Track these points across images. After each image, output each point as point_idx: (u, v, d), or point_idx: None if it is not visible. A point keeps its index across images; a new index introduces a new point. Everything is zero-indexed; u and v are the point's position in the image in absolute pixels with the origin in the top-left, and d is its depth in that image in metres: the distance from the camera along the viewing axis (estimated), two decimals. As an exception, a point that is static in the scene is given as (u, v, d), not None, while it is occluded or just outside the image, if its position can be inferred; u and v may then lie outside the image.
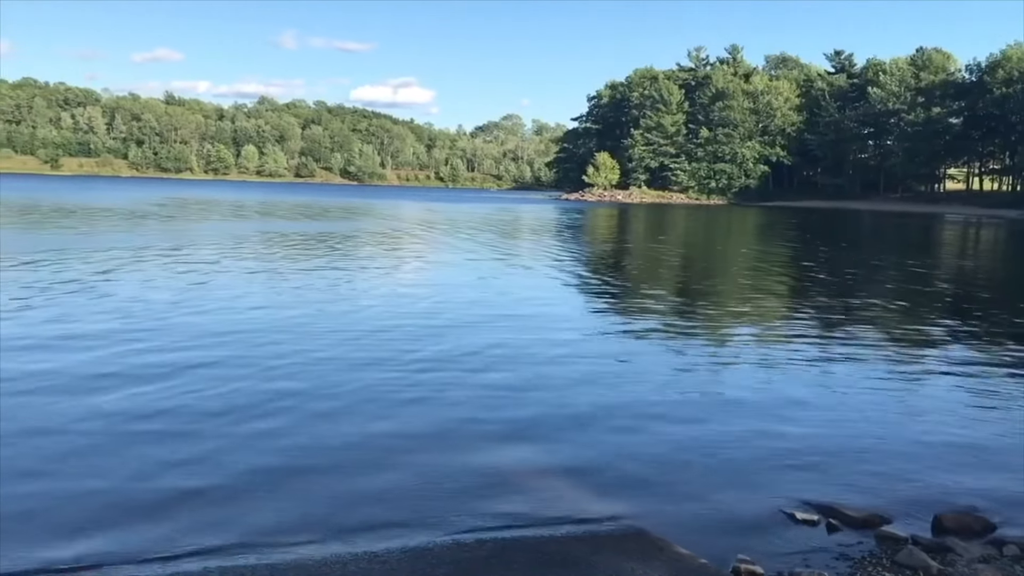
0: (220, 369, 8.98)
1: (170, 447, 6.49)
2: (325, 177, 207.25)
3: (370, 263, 21.35)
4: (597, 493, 5.86)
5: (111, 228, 31.87)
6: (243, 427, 7.06)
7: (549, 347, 10.88)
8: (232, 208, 53.87)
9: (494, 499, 5.70)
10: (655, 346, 11.33)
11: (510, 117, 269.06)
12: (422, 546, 4.99)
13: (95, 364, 9.02)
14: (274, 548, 4.88)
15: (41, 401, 7.60)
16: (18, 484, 5.66)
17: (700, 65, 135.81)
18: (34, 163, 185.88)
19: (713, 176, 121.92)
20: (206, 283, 16.18)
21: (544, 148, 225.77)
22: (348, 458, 6.42)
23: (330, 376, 8.86)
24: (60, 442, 6.53)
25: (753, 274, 22.40)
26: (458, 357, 10.04)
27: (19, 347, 9.72)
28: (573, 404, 8.13)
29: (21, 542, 4.84)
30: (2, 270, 16.93)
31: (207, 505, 5.47)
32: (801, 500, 5.79)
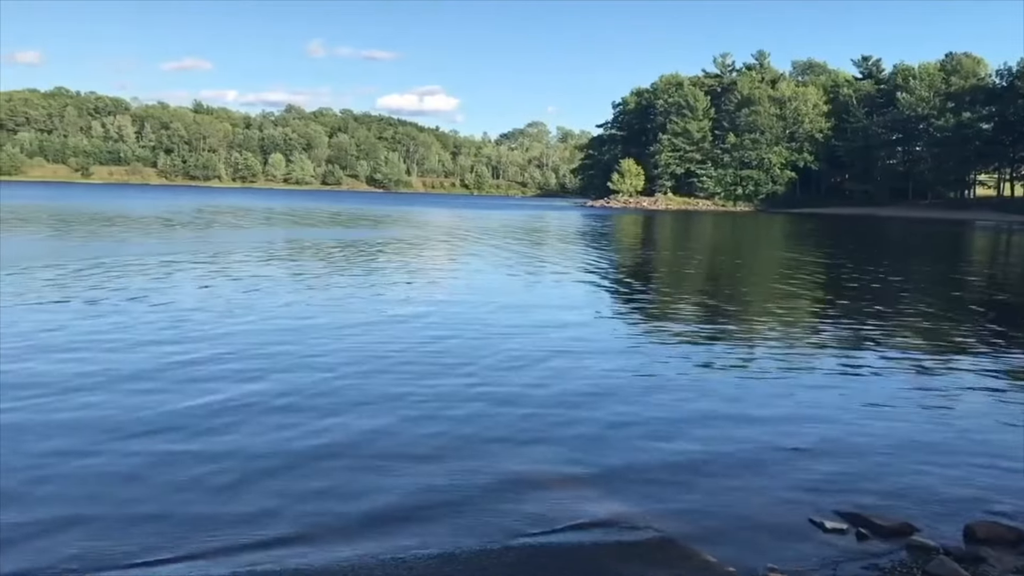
0: (271, 376, 9.08)
1: (209, 450, 6.57)
2: (351, 185, 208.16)
3: (407, 273, 21.33)
4: (625, 501, 5.85)
5: (154, 236, 32.26)
6: (278, 430, 7.15)
7: (577, 355, 10.88)
8: (265, 216, 54.24)
9: (521, 505, 5.71)
10: (682, 355, 11.26)
11: (535, 124, 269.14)
12: (448, 552, 5.00)
13: (148, 372, 9.14)
14: (302, 551, 4.92)
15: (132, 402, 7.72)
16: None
17: (726, 71, 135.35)
18: (65, 171, 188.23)
19: (740, 182, 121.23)
20: (257, 290, 16.41)
21: (569, 155, 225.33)
22: (375, 463, 6.46)
23: (354, 381, 8.94)
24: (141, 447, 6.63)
25: (780, 282, 22.24)
26: (491, 364, 10.10)
27: (90, 351, 9.89)
28: (599, 411, 8.11)
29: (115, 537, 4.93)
30: (64, 278, 17.25)
31: (236, 508, 5.52)
32: (830, 509, 5.75)
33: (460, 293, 17.54)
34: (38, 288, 15.60)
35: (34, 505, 5.49)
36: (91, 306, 13.60)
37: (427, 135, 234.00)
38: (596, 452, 6.90)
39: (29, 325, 11.72)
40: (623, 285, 20.91)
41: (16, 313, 12.67)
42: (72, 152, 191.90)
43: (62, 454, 6.45)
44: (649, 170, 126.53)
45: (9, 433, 6.86)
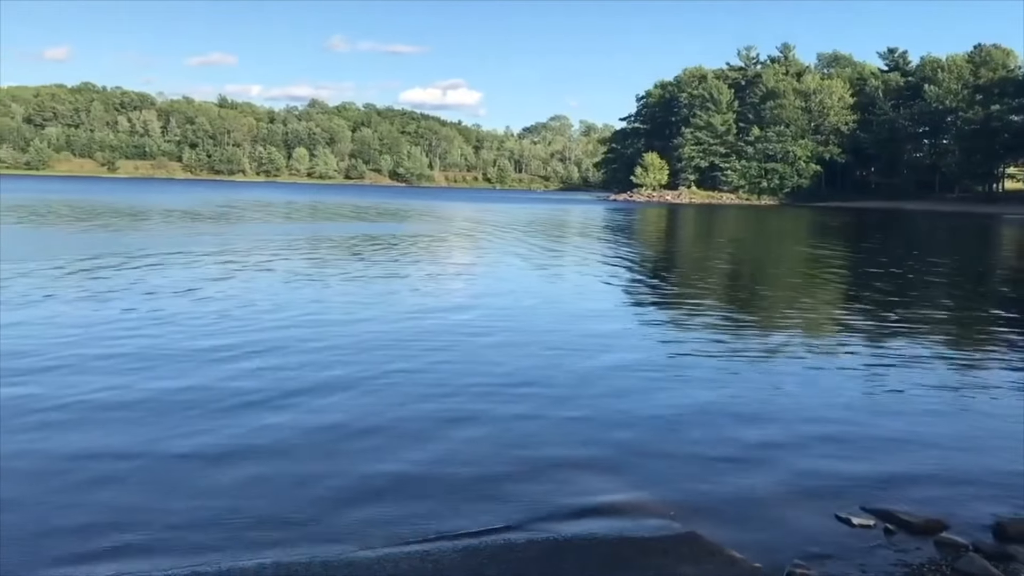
0: (304, 367, 9.14)
1: (254, 446, 6.62)
2: (374, 179, 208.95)
3: (438, 267, 21.39)
4: (649, 494, 5.83)
5: (189, 230, 32.59)
6: (305, 416, 7.18)
7: (602, 350, 10.85)
8: (293, 210, 54.59)
9: (545, 498, 5.70)
10: (706, 348, 11.20)
11: (558, 118, 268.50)
12: (472, 545, 4.98)
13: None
14: (327, 546, 4.92)
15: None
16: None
17: (750, 64, 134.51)
18: (91, 166, 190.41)
19: (764, 176, 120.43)
20: (294, 284, 16.56)
21: (592, 149, 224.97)
22: (399, 454, 6.47)
23: (383, 371, 8.96)
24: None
25: (806, 276, 22.11)
26: (518, 356, 10.13)
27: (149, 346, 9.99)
28: (622, 403, 8.10)
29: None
30: (110, 272, 17.47)
31: (264, 503, 5.54)
32: (857, 505, 5.68)
33: (487, 287, 17.54)
34: (85, 282, 15.81)
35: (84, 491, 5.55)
36: (133, 301, 13.75)
37: (450, 129, 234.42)
38: (620, 445, 6.88)
39: (79, 317, 11.91)
40: (647, 279, 20.85)
41: (67, 305, 12.87)
42: (98, 147, 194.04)
43: (140, 443, 6.53)
44: (672, 164, 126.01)
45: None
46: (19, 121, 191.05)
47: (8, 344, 9.86)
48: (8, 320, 11.43)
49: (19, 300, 13.27)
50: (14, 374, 8.49)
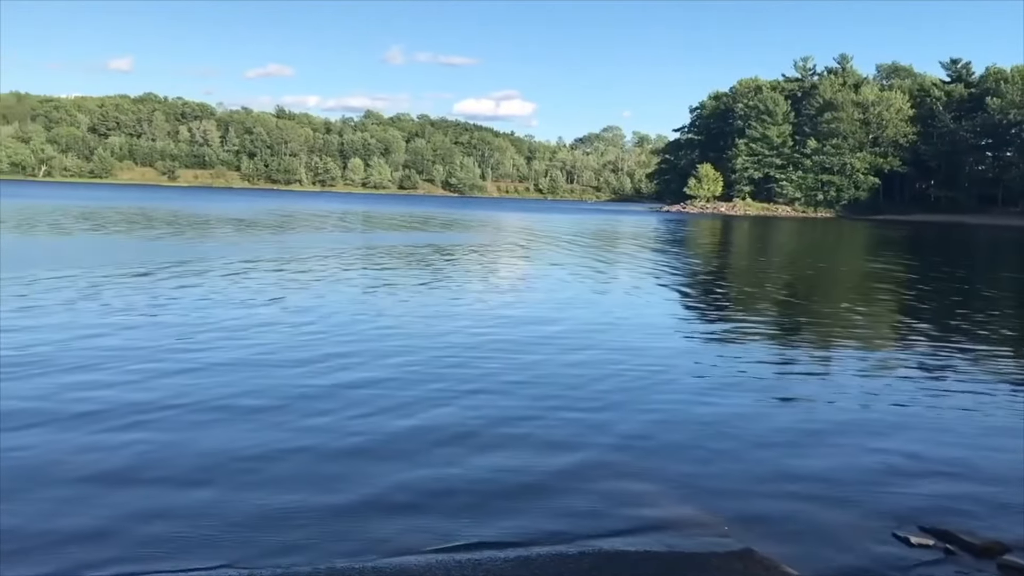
0: (365, 368, 9.28)
1: (311, 449, 6.75)
2: (427, 189, 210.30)
3: (496, 277, 21.53)
4: (702, 508, 5.79)
5: (258, 239, 33.22)
6: (362, 418, 7.28)
7: (656, 362, 10.81)
8: (352, 220, 55.05)
9: (598, 509, 5.70)
10: (761, 363, 11.10)
11: (610, 129, 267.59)
12: (523, 556, 4.98)
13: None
14: (380, 553, 4.98)
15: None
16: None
17: (807, 75, 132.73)
18: (152, 174, 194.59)
19: (821, 188, 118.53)
20: (371, 295, 16.71)
21: (645, 160, 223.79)
22: (453, 460, 6.52)
23: (432, 379, 9.05)
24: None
25: (864, 292, 21.72)
26: (569, 366, 10.13)
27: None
28: (675, 420, 8.05)
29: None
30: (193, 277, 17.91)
31: (324, 512, 5.60)
32: (915, 524, 5.58)
33: (538, 297, 17.52)
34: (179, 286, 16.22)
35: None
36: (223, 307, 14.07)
37: (502, 140, 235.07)
38: (673, 457, 6.86)
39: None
40: (702, 291, 20.69)
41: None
42: (160, 156, 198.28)
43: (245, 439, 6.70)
44: (727, 175, 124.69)
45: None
46: (84, 130, 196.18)
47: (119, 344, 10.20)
48: (120, 324, 11.84)
49: (122, 305, 13.72)
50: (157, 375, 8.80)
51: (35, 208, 52.38)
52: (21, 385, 8.36)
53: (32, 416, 7.32)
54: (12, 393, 8.04)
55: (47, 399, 7.89)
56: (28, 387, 8.29)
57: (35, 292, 14.95)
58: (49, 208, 52.88)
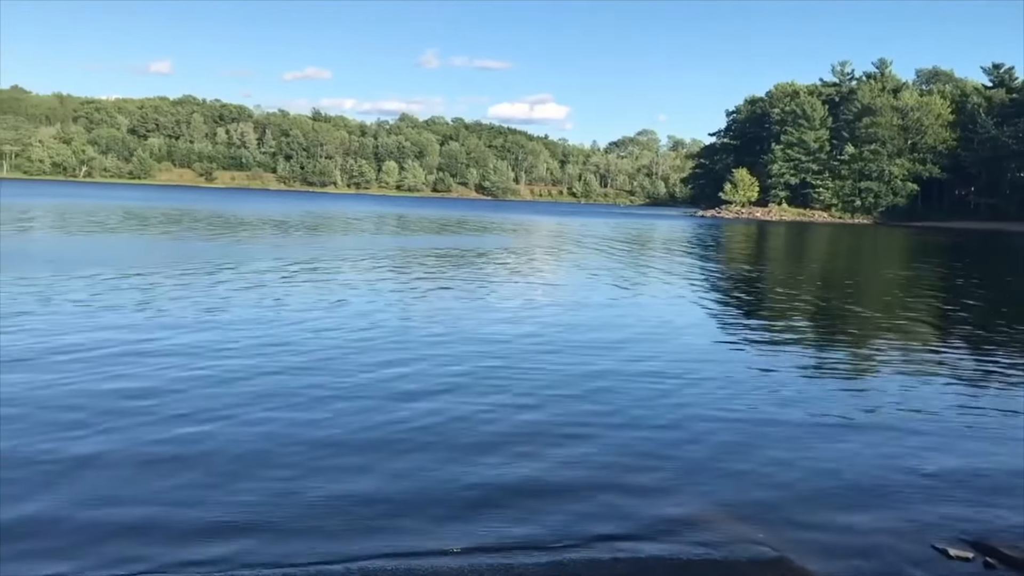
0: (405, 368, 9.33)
1: (335, 450, 6.79)
2: (461, 192, 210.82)
3: (530, 282, 21.52)
4: (735, 517, 5.76)
5: (303, 241, 33.54)
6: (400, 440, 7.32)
7: (693, 369, 10.79)
8: (390, 223, 55.43)
9: (631, 515, 5.69)
10: (798, 373, 10.99)
11: (645, 132, 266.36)
12: (555, 560, 4.99)
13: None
14: (412, 555, 5.01)
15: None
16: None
17: (845, 80, 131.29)
18: (190, 175, 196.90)
19: (858, 194, 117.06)
20: (418, 297, 16.92)
21: (679, 164, 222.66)
22: (488, 472, 6.53)
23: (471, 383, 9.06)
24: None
25: (902, 300, 21.43)
26: (605, 376, 10.12)
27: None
28: (708, 427, 8.01)
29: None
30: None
31: (360, 512, 5.66)
32: (955, 535, 5.49)
33: (574, 301, 17.47)
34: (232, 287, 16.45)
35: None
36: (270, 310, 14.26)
37: (536, 143, 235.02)
38: (707, 466, 6.83)
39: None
40: (737, 299, 20.51)
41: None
42: (197, 157, 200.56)
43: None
44: (763, 180, 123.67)
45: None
46: (124, 132, 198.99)
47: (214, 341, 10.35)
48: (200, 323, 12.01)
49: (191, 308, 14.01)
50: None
51: (86, 208, 53.47)
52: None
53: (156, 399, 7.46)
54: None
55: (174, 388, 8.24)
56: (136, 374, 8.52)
57: (123, 290, 15.56)
58: (100, 208, 54.04)
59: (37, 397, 7.95)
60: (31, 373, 8.83)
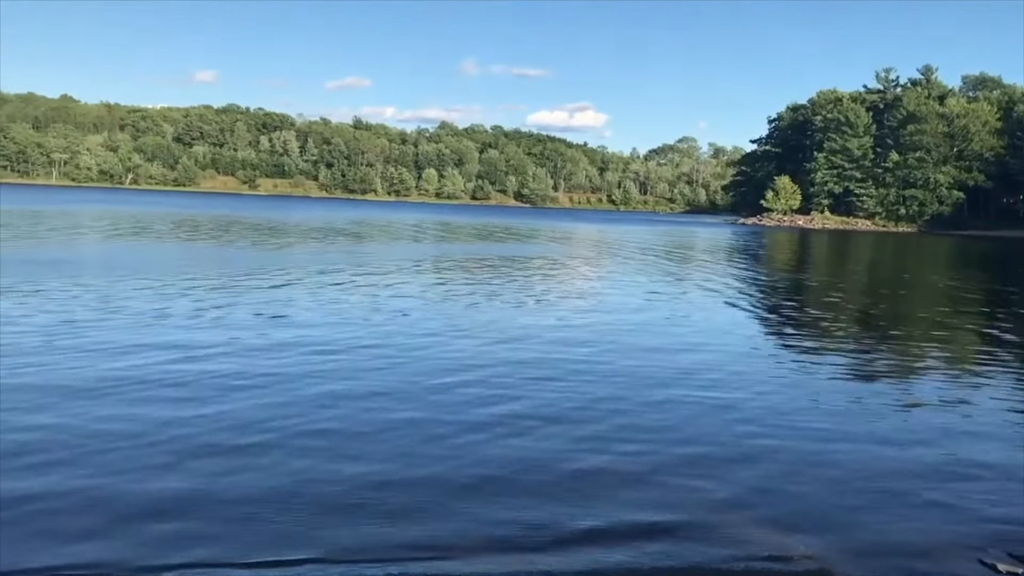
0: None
1: (350, 445, 6.86)
2: (500, 200, 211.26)
3: (572, 290, 21.56)
4: (779, 530, 5.70)
5: (351, 248, 33.89)
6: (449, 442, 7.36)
7: (736, 378, 10.71)
8: (433, 230, 55.66)
9: (671, 527, 5.64)
10: (841, 383, 10.84)
11: (686, 139, 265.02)
12: (594, 568, 4.96)
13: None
14: (455, 559, 5.03)
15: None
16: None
17: (889, 87, 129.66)
18: (234, 183, 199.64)
19: (902, 202, 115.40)
20: (472, 305, 16.95)
21: (720, 171, 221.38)
22: (534, 479, 6.53)
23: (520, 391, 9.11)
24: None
25: (946, 311, 21.07)
26: (648, 383, 10.08)
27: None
28: (754, 439, 7.92)
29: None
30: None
31: (401, 517, 5.69)
32: (1004, 550, 5.39)
33: (614, 309, 17.40)
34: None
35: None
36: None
37: (575, 151, 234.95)
38: (750, 475, 6.76)
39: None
40: (779, 308, 20.30)
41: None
42: (241, 165, 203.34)
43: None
44: (805, 188, 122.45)
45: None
46: (169, 140, 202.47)
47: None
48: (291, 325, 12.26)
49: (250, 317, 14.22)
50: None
51: (139, 215, 54.51)
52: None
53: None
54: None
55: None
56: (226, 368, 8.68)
57: (197, 296, 15.78)
58: (150, 215, 55.06)
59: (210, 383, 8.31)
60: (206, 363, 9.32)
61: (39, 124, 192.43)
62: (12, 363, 9.44)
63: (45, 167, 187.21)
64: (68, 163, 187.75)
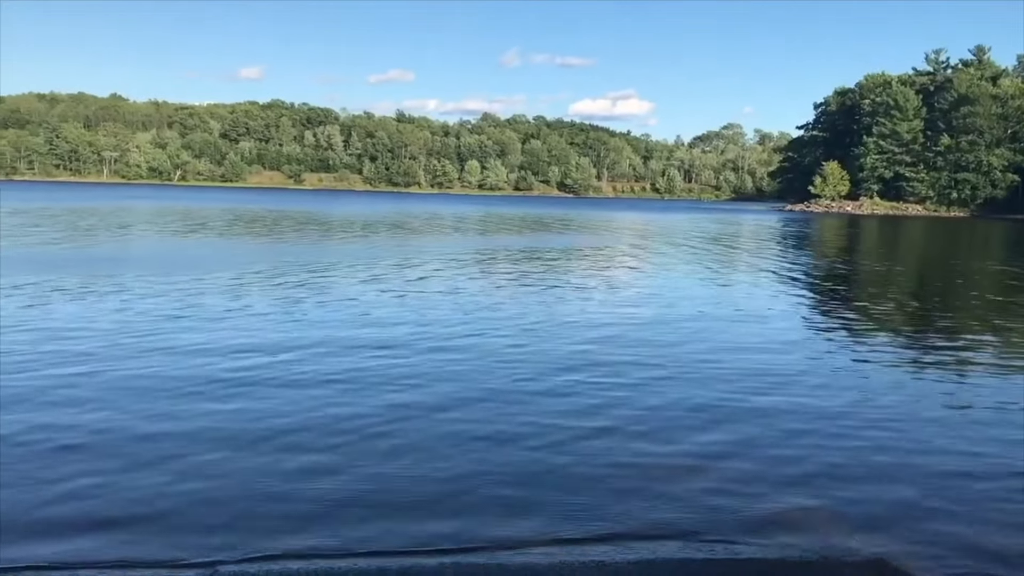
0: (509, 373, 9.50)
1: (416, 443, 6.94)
2: (543, 190, 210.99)
3: (620, 280, 21.48)
4: (829, 519, 5.65)
5: (402, 242, 33.95)
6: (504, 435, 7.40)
7: (777, 367, 10.61)
8: (490, 222, 55.99)
9: (724, 514, 5.63)
10: (897, 377, 10.62)
11: (731, 126, 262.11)
12: (647, 558, 4.95)
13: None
14: (506, 550, 5.06)
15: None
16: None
17: (939, 68, 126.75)
18: (280, 178, 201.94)
19: (954, 186, 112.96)
20: (535, 297, 16.86)
21: (766, 158, 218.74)
22: (577, 469, 6.53)
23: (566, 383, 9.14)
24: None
25: (1011, 298, 20.61)
26: (706, 373, 10.04)
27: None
28: (801, 425, 7.87)
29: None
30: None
31: (460, 507, 5.74)
32: (1067, 542, 5.28)
33: (663, 300, 17.25)
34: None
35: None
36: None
37: (618, 140, 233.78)
38: (804, 465, 6.70)
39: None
40: (831, 296, 19.97)
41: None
42: (286, 160, 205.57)
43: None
44: (853, 173, 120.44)
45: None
46: (216, 136, 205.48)
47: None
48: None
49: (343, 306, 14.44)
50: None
51: (190, 212, 55.41)
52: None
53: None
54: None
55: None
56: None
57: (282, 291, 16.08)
58: (204, 212, 55.96)
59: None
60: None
61: (90, 123, 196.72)
62: (133, 364, 9.64)
63: (96, 165, 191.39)
64: (118, 161, 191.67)
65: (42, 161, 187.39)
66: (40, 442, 6.75)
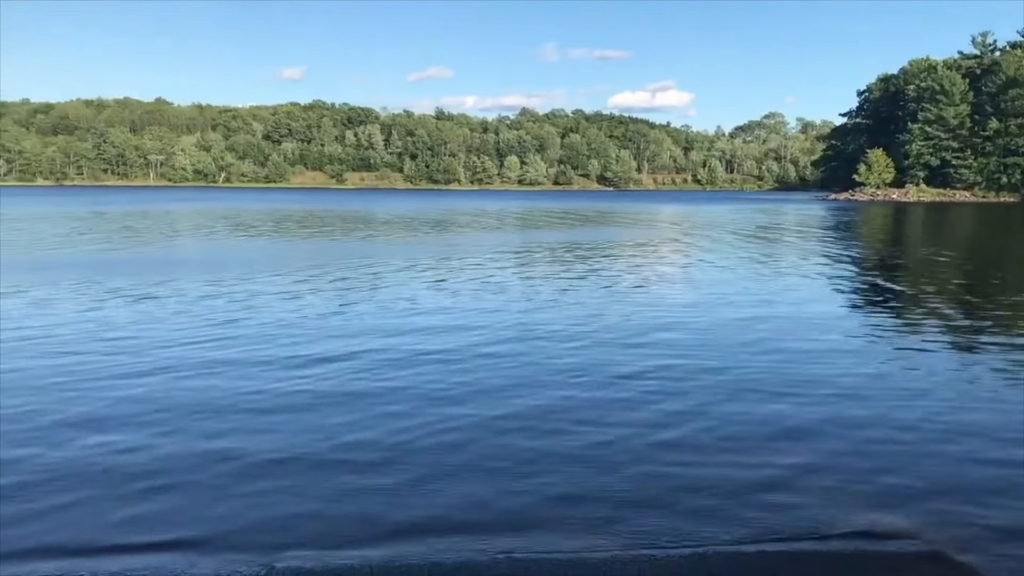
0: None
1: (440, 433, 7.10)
2: (582, 184, 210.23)
3: (668, 275, 21.47)
4: (887, 509, 5.64)
5: (449, 240, 33.99)
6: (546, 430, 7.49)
7: (825, 358, 10.56)
8: (532, 217, 55.81)
9: (775, 508, 5.64)
10: (946, 364, 10.56)
11: (772, 115, 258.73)
12: (699, 552, 4.97)
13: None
14: (538, 544, 5.14)
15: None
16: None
17: (986, 51, 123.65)
18: (322, 178, 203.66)
19: (1004, 171, 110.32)
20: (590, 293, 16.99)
21: (809, 146, 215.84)
22: (632, 458, 6.61)
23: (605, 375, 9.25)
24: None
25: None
26: (754, 366, 10.03)
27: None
28: (855, 418, 7.84)
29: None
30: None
31: (489, 498, 5.82)
32: None
33: (720, 299, 16.99)
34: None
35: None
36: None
37: (658, 131, 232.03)
38: (854, 457, 6.70)
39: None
40: (891, 292, 19.70)
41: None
42: (328, 160, 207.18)
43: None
44: (898, 160, 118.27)
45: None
46: (259, 138, 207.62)
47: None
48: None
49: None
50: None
51: (241, 212, 56.15)
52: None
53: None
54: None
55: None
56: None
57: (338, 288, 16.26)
58: (251, 212, 56.69)
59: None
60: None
61: (135, 127, 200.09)
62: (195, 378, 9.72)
63: (143, 168, 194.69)
64: (164, 164, 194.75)
65: (90, 166, 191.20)
66: (99, 461, 6.62)
